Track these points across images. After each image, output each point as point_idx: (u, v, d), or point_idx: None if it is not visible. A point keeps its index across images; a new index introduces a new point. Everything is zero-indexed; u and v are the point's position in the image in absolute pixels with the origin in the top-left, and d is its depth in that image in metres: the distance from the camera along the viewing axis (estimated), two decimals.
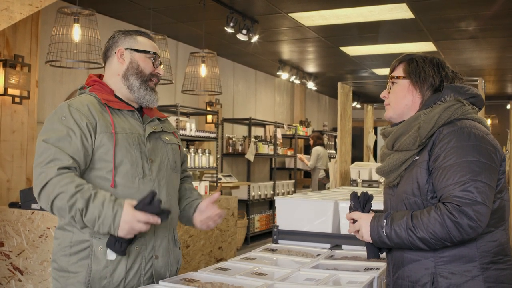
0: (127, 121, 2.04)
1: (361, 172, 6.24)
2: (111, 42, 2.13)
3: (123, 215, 1.81)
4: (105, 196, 1.84)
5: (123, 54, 2.09)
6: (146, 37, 2.16)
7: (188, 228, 4.82)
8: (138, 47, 2.10)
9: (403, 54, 1.97)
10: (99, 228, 1.83)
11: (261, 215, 9.28)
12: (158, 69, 2.14)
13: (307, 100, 12.77)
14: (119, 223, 1.81)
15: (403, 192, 1.80)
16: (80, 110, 1.95)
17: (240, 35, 6.44)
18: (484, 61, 9.31)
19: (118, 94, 2.09)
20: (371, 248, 1.83)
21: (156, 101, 2.13)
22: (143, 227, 1.84)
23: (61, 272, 1.96)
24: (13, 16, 3.80)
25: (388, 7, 6.08)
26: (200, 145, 8.12)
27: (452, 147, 1.69)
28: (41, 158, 1.87)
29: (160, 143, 2.12)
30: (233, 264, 2.25)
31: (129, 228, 1.82)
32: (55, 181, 1.82)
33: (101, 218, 1.81)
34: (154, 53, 2.13)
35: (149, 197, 1.84)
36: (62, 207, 1.82)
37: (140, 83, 2.08)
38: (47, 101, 5.74)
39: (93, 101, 2.01)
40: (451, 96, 1.81)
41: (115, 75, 2.10)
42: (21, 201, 3.96)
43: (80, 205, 1.80)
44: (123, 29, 2.17)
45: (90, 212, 1.81)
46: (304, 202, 2.90)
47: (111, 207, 1.82)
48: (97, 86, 2.08)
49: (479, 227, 1.60)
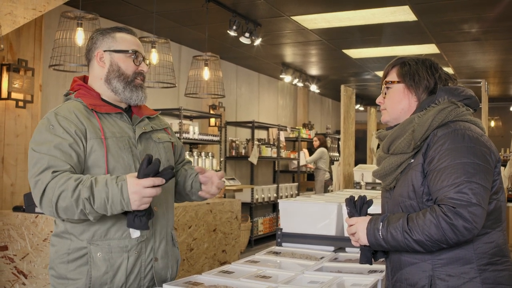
0: (116, 124, 2.01)
1: (364, 174, 6.24)
2: (90, 44, 2.07)
3: (129, 187, 1.77)
4: (106, 177, 1.81)
5: (103, 57, 2.03)
6: (125, 32, 2.08)
7: (192, 231, 4.82)
8: (117, 47, 2.03)
9: (395, 58, 1.96)
10: (112, 210, 1.79)
11: (265, 218, 9.28)
12: (141, 66, 2.07)
13: (310, 103, 12.77)
14: (128, 196, 1.77)
15: (399, 195, 1.79)
16: (67, 118, 1.91)
17: (243, 38, 6.45)
18: (487, 63, 9.29)
19: (105, 97, 2.05)
20: (365, 253, 1.82)
21: (143, 98, 2.07)
22: (152, 192, 1.79)
23: (59, 280, 1.95)
24: (17, 20, 3.81)
25: (390, 9, 6.08)
26: (203, 148, 8.13)
27: (446, 149, 1.68)
28: (35, 168, 1.84)
29: (151, 144, 2.08)
30: (237, 267, 2.24)
31: (139, 197, 1.78)
32: (52, 184, 1.79)
33: (109, 199, 1.78)
34: (134, 51, 2.05)
35: (145, 160, 1.80)
36: (68, 206, 1.79)
37: (124, 85, 2.03)
38: (51, 105, 5.75)
39: (80, 107, 1.97)
40: (445, 98, 1.80)
41: (98, 79, 2.05)
42: (25, 205, 3.97)
43: (86, 194, 1.77)
44: (102, 28, 2.10)
45: (97, 197, 1.78)
46: (308, 205, 2.89)
47: (115, 184, 1.78)
48: (82, 91, 2.03)
49: (474, 228, 1.59)
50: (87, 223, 1.92)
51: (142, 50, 2.11)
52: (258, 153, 8.91)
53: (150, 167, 1.80)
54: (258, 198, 8.95)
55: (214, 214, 5.19)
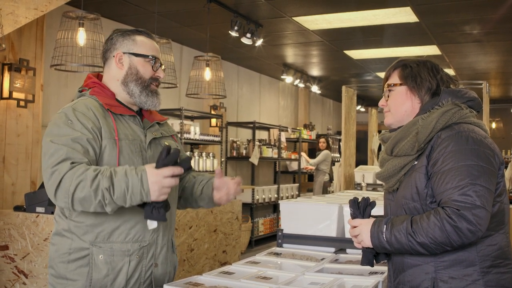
0: (129, 127, 2.01)
1: (365, 175, 6.24)
2: (109, 44, 2.06)
3: (149, 176, 1.77)
4: (125, 167, 1.81)
5: (122, 58, 2.03)
6: (145, 36, 2.08)
7: (192, 232, 4.82)
8: (137, 50, 2.03)
9: (396, 61, 1.95)
10: (131, 200, 1.78)
11: (265, 218, 9.28)
12: (158, 72, 2.08)
13: (311, 103, 12.77)
14: (148, 186, 1.77)
15: (402, 197, 1.79)
16: (85, 114, 1.91)
17: (244, 39, 6.45)
18: (488, 64, 9.29)
19: (119, 98, 2.05)
20: (367, 255, 1.82)
21: (158, 104, 2.08)
22: (172, 182, 1.80)
23: (58, 279, 1.94)
24: (18, 20, 3.82)
25: (392, 10, 6.08)
26: (204, 149, 8.13)
27: (450, 151, 1.68)
28: (52, 158, 1.81)
29: (160, 149, 2.06)
30: (238, 268, 2.24)
31: (159, 187, 1.78)
32: (70, 174, 1.77)
33: (129, 188, 1.76)
34: (154, 57, 2.05)
35: (164, 150, 1.81)
36: (85, 196, 1.76)
37: (141, 90, 2.03)
38: (52, 105, 5.76)
39: (96, 105, 1.97)
40: (448, 100, 1.80)
41: (115, 80, 2.04)
42: (26, 205, 3.97)
43: (106, 183, 1.75)
44: (121, 29, 2.09)
45: (117, 186, 1.76)
46: (309, 206, 2.89)
47: (135, 173, 1.78)
48: (97, 89, 2.02)
49: (478, 231, 1.59)
50: (92, 224, 1.91)
51: (160, 56, 2.11)
52: (259, 154, 8.91)
53: (170, 157, 1.81)
54: (259, 199, 8.95)
55: (215, 214, 5.19)
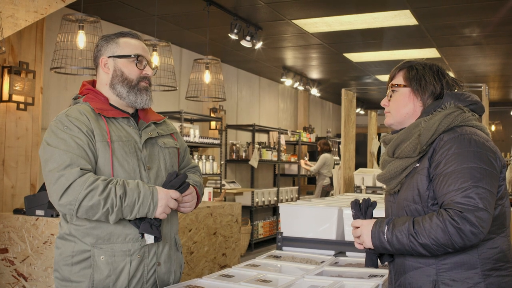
0: (122, 129, 2.03)
1: (365, 178, 6.23)
2: (96, 51, 2.10)
3: (159, 192, 1.91)
4: (136, 181, 1.91)
5: (107, 63, 2.06)
6: (129, 37, 2.09)
7: (192, 235, 4.82)
8: (120, 52, 2.05)
9: (402, 61, 1.96)
10: (138, 211, 1.87)
11: (265, 221, 9.27)
12: (145, 69, 2.08)
13: (310, 106, 12.77)
14: (157, 201, 1.89)
15: (403, 199, 1.79)
16: (79, 119, 1.95)
17: (244, 41, 6.46)
18: (488, 67, 9.30)
19: (112, 102, 2.07)
20: (370, 257, 1.82)
21: (148, 101, 2.09)
22: (175, 205, 1.96)
23: (63, 282, 1.96)
24: (18, 23, 3.82)
25: (392, 13, 6.08)
26: (203, 152, 8.13)
27: (452, 153, 1.69)
28: (55, 163, 1.84)
29: (156, 149, 2.09)
30: (237, 271, 2.24)
31: (164, 205, 1.91)
32: (80, 182, 1.81)
33: (140, 199, 1.86)
34: (137, 55, 2.06)
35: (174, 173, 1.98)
36: (93, 205, 1.81)
37: (128, 90, 2.04)
38: (52, 108, 5.76)
39: (88, 110, 2.00)
40: (451, 103, 1.81)
41: (104, 85, 2.08)
42: (26, 207, 3.97)
43: (119, 191, 1.84)
44: (106, 35, 2.12)
45: (129, 195, 1.85)
46: (308, 209, 2.89)
47: (147, 187, 1.89)
48: (90, 95, 2.06)
49: (481, 233, 1.60)
50: (90, 227, 1.92)
51: (146, 54, 2.11)
52: (259, 157, 8.91)
53: (177, 180, 1.98)
54: (259, 202, 8.94)
55: (215, 217, 5.18)
